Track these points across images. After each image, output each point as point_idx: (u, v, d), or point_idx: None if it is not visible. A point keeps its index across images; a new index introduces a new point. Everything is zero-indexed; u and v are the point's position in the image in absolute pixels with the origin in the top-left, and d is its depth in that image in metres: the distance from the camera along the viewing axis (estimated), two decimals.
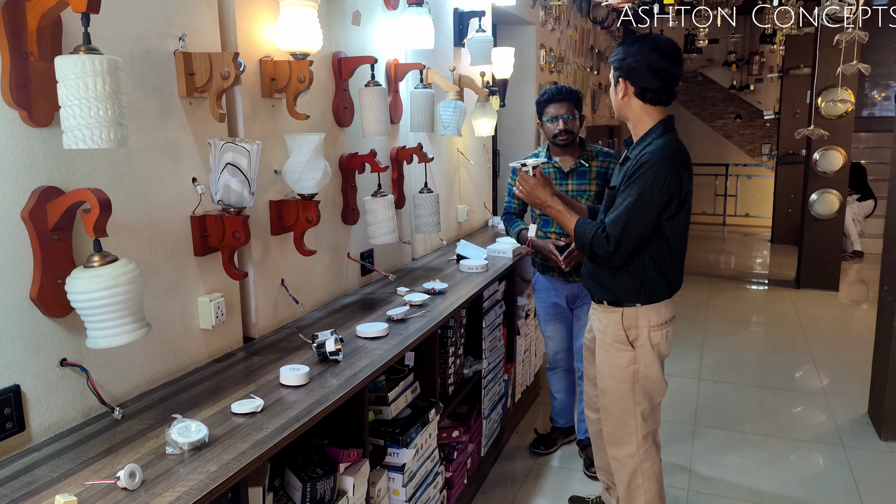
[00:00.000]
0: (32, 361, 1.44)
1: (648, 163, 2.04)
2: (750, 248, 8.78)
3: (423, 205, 3.01)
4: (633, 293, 2.19)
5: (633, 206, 2.05)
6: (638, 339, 2.21)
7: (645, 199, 2.04)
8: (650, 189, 2.04)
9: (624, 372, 2.23)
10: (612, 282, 2.22)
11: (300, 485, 1.73)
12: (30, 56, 1.39)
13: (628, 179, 2.08)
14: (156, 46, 1.73)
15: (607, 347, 2.27)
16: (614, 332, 2.23)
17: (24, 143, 1.40)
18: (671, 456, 3.26)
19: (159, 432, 1.51)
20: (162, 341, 1.78)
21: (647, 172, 2.04)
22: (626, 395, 2.25)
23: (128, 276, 1.40)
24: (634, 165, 2.08)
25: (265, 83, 2.13)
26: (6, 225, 1.38)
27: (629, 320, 2.21)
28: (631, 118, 2.17)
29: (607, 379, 2.29)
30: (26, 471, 1.35)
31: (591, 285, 2.31)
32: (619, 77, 2.14)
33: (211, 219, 1.89)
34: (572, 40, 6.56)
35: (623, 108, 2.18)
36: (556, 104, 2.91)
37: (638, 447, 2.29)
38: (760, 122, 10.48)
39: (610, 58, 2.21)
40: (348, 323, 2.31)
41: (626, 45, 2.13)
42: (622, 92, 2.14)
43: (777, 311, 5.80)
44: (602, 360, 2.30)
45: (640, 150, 2.11)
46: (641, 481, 2.32)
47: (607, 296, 2.25)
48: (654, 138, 2.11)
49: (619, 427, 2.30)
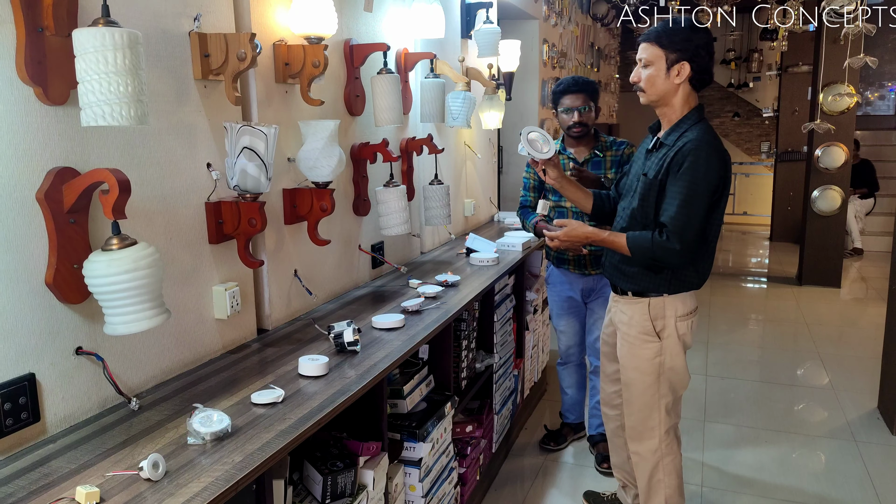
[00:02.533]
0: (48, 349, 1.38)
1: (697, 150, 2.00)
2: (749, 246, 8.78)
3: (433, 196, 2.97)
4: (661, 283, 2.15)
5: (690, 197, 1.99)
6: (665, 329, 2.17)
7: (700, 188, 1.99)
8: (704, 177, 1.99)
9: (650, 364, 2.19)
10: (637, 271, 2.17)
11: (320, 478, 1.68)
12: (45, 31, 1.33)
13: (678, 170, 2.02)
14: (171, 26, 1.67)
15: (632, 339, 2.22)
16: (640, 324, 2.19)
17: (39, 121, 1.35)
18: (683, 452, 3.21)
19: (178, 423, 1.45)
20: (177, 331, 1.73)
21: (698, 161, 1.99)
22: (650, 387, 2.21)
23: (148, 260, 1.34)
24: (681, 155, 2.02)
25: (279, 68, 2.08)
26: (21, 207, 1.32)
27: (656, 311, 2.17)
28: (673, 103, 2.10)
29: (631, 371, 2.24)
30: (42, 462, 1.30)
31: (615, 276, 2.26)
32: (679, 59, 2.03)
33: (226, 205, 1.83)
34: (573, 36, 6.53)
35: (669, 92, 2.07)
36: (571, 95, 2.87)
37: (661, 441, 2.25)
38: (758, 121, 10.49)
39: (655, 39, 2.06)
40: (362, 315, 2.26)
41: (687, 29, 2.04)
42: (678, 75, 2.05)
43: (780, 308, 5.78)
44: (626, 352, 2.25)
45: (677, 137, 2.07)
46: (662, 476, 2.28)
47: (633, 286, 2.20)
48: (692, 125, 2.07)
49: (643, 421, 2.26)
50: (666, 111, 2.13)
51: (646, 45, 2.09)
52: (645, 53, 2.09)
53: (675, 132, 2.09)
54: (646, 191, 2.11)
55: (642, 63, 2.10)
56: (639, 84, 2.11)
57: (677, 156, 2.03)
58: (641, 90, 2.12)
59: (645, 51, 2.09)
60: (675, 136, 2.08)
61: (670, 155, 2.05)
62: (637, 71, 2.11)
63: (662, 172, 2.06)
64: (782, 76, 8.50)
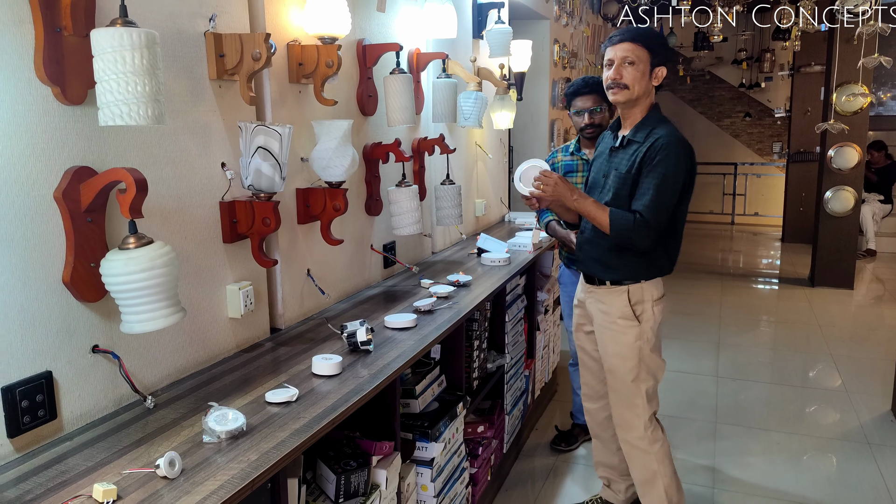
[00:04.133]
0: (64, 347, 1.39)
1: (668, 146, 2.12)
2: (760, 247, 8.72)
3: (444, 196, 2.96)
4: (639, 270, 2.27)
5: (662, 188, 2.11)
6: (644, 313, 2.28)
7: (670, 181, 2.12)
8: (674, 170, 2.12)
9: (631, 348, 2.28)
10: (618, 261, 2.27)
11: (334, 477, 1.68)
12: (63, 30, 1.34)
13: (651, 163, 2.13)
14: (186, 27, 1.68)
15: (612, 326, 2.31)
16: (620, 310, 2.28)
17: (57, 121, 1.36)
18: (694, 454, 3.21)
19: (193, 421, 1.46)
20: (191, 330, 1.73)
21: (670, 155, 2.11)
22: (632, 371, 2.30)
23: (164, 259, 1.35)
24: (653, 150, 2.12)
25: (292, 68, 2.09)
26: (39, 206, 1.33)
27: (636, 296, 2.28)
28: (642, 102, 2.21)
29: (614, 358, 2.32)
30: (59, 460, 1.31)
31: (594, 268, 2.35)
32: (660, 63, 2.17)
33: (240, 205, 1.84)
34: (584, 37, 6.51)
35: (646, 93, 2.19)
36: (582, 97, 2.86)
37: (645, 428, 2.33)
38: (770, 121, 10.41)
39: (642, 41, 2.15)
40: (374, 314, 2.26)
41: (663, 36, 2.16)
42: (657, 78, 2.19)
43: (792, 310, 5.74)
44: (608, 339, 2.33)
45: (646, 134, 2.17)
46: (657, 466, 2.34)
47: (612, 275, 2.30)
48: (657, 122, 2.19)
49: (628, 408, 2.34)
50: (633, 111, 2.22)
51: (631, 45, 2.15)
52: (630, 52, 2.15)
53: (642, 130, 2.19)
54: (620, 185, 2.21)
55: (626, 61, 2.14)
56: (621, 81, 2.15)
57: (650, 151, 2.14)
58: (622, 87, 2.15)
59: (630, 50, 2.15)
60: (644, 134, 2.18)
61: (642, 151, 2.15)
62: (619, 68, 2.15)
63: (636, 167, 2.16)
64: (794, 76, 8.44)
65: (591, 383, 2.56)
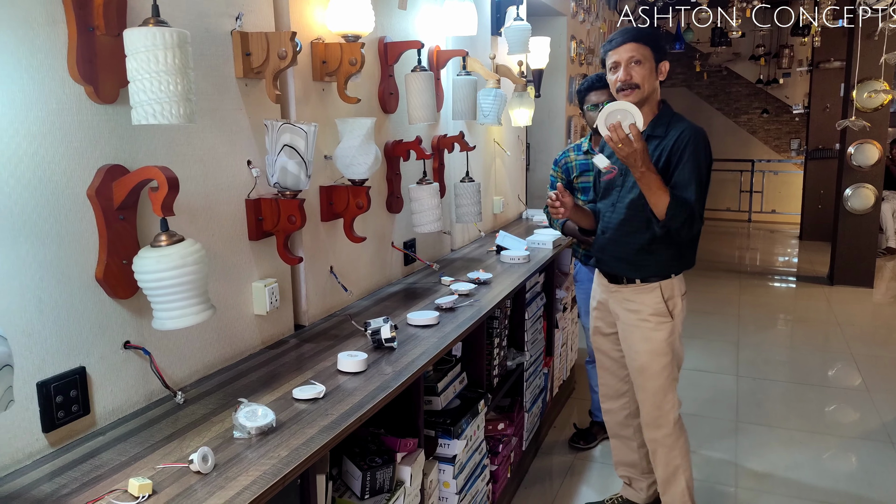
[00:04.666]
0: (97, 343, 1.41)
1: (695, 136, 2.15)
2: (778, 245, 8.64)
3: (464, 194, 2.96)
4: (671, 264, 2.27)
5: (699, 178, 2.13)
6: (675, 307, 2.29)
7: (703, 170, 2.15)
8: (704, 160, 2.16)
9: (664, 344, 2.28)
10: (648, 258, 2.26)
11: (360, 474, 1.69)
12: (96, 30, 1.35)
13: (681, 154, 2.14)
14: (214, 26, 1.69)
15: (644, 324, 2.29)
16: (653, 307, 2.27)
17: (89, 119, 1.37)
18: (715, 452, 3.19)
19: (223, 417, 1.47)
20: (218, 326, 1.75)
21: (699, 145, 2.15)
22: (665, 368, 2.30)
23: (195, 257, 1.36)
24: (681, 142, 2.14)
25: (316, 66, 2.09)
26: (72, 203, 1.35)
27: (668, 292, 2.28)
28: (653, 99, 2.23)
29: (646, 356, 2.30)
30: (93, 454, 1.32)
31: (620, 268, 2.33)
32: (662, 58, 2.21)
33: (266, 202, 1.85)
34: (601, 33, 6.48)
35: (655, 90, 2.21)
36: (597, 92, 2.85)
37: (675, 424, 2.33)
38: (788, 117, 10.31)
39: (644, 39, 2.17)
40: (396, 311, 2.27)
41: (656, 31, 2.18)
42: (661, 73, 2.22)
43: (811, 308, 5.69)
44: (638, 338, 2.31)
45: (666, 128, 2.20)
46: (680, 460, 2.35)
47: (641, 273, 2.29)
48: (673, 116, 2.23)
49: (658, 406, 2.33)
50: (645, 108, 2.21)
51: (634, 44, 2.16)
52: (635, 52, 2.16)
53: (660, 124, 2.22)
54: None
55: (633, 61, 2.15)
56: (632, 81, 2.15)
57: (677, 142, 2.15)
58: (634, 87, 2.15)
59: (635, 50, 2.16)
60: (664, 128, 2.20)
61: (668, 143, 2.17)
62: (627, 69, 2.15)
63: (663, 160, 2.16)
64: (813, 72, 8.35)
65: (610, 383, 2.55)
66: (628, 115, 2.05)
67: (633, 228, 2.25)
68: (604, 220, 2.37)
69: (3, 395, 1.03)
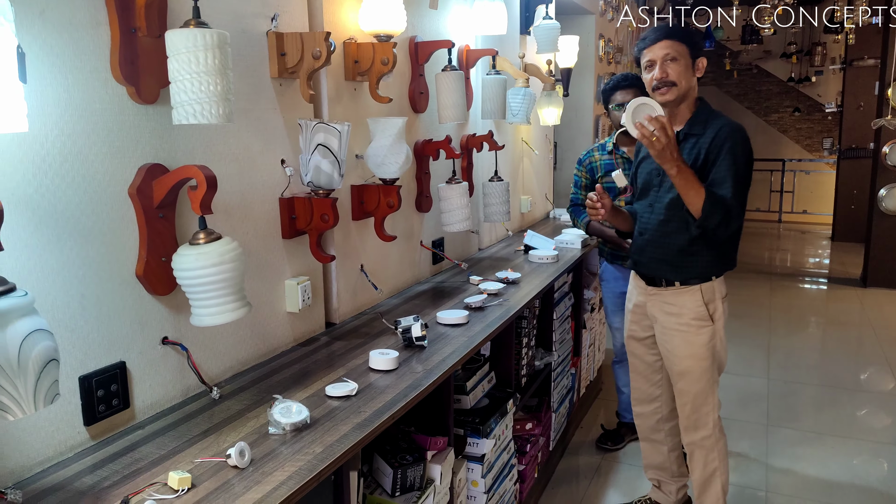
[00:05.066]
0: (137, 339, 1.44)
1: (734, 133, 2.11)
2: (809, 246, 8.49)
3: (492, 193, 2.96)
4: (712, 266, 2.22)
5: (739, 175, 2.08)
6: (716, 311, 2.24)
7: (742, 168, 2.10)
8: (744, 158, 2.11)
9: (705, 349, 2.23)
10: (690, 260, 2.21)
11: (390, 471, 1.70)
12: (138, 31, 1.38)
13: (720, 152, 2.09)
14: (250, 26, 1.72)
15: (685, 328, 2.24)
16: (694, 310, 2.23)
17: (131, 119, 1.40)
18: (746, 457, 3.15)
19: (258, 412, 1.49)
20: (252, 323, 1.77)
21: (738, 143, 2.10)
22: (706, 372, 2.25)
23: (232, 254, 1.38)
24: (720, 139, 2.09)
25: (348, 66, 2.11)
26: (114, 202, 1.38)
27: (709, 294, 2.23)
28: (691, 97, 2.19)
29: (687, 360, 2.26)
30: (132, 448, 1.35)
31: (659, 270, 2.27)
32: (699, 55, 2.17)
33: (299, 201, 1.87)
34: (629, 31, 6.43)
35: (692, 87, 2.17)
36: (622, 91, 2.83)
37: (714, 426, 2.30)
38: (820, 116, 10.12)
39: (679, 36, 2.13)
40: (425, 310, 2.28)
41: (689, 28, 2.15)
42: (699, 69, 2.17)
43: (843, 310, 5.58)
44: (679, 342, 2.26)
45: (704, 126, 2.15)
46: (718, 463, 2.32)
47: (681, 276, 2.24)
48: (711, 114, 2.18)
49: (698, 409, 2.29)
50: (681, 107, 2.19)
51: (669, 41, 2.12)
52: (670, 49, 2.12)
53: (698, 122, 2.17)
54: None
55: (668, 58, 2.11)
56: (668, 79, 2.11)
57: (716, 140, 2.11)
58: (671, 85, 2.12)
59: (670, 47, 2.12)
60: (701, 126, 2.16)
61: (706, 142, 2.12)
62: (663, 67, 2.11)
63: (701, 159, 2.12)
64: (846, 70, 8.18)
65: (642, 387, 2.51)
66: (651, 109, 2.02)
67: (673, 229, 2.20)
68: (641, 221, 2.32)
69: (50, 388, 1.05)
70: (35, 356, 1.01)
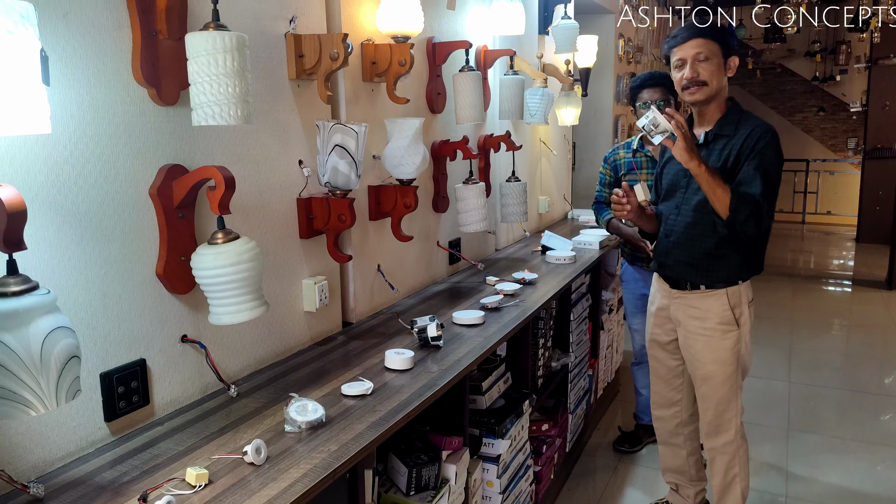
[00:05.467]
0: (157, 336, 1.46)
1: (767, 134, 2.07)
2: (833, 248, 8.37)
3: (510, 194, 2.96)
4: (739, 270, 2.19)
5: (769, 175, 2.04)
6: (741, 316, 2.21)
7: (773, 168, 2.06)
8: (776, 159, 2.07)
9: (730, 354, 2.21)
10: (716, 263, 2.17)
11: (405, 470, 1.71)
12: (158, 34, 1.40)
13: (751, 152, 2.05)
14: (269, 28, 1.73)
15: (710, 332, 2.21)
16: (719, 315, 2.19)
17: (152, 121, 1.43)
18: (766, 462, 3.11)
19: (274, 411, 1.51)
20: (269, 322, 1.79)
21: (770, 143, 2.06)
22: (730, 377, 2.22)
23: (250, 254, 1.40)
24: (752, 139, 2.05)
25: (366, 67, 2.12)
26: (135, 202, 1.40)
27: (734, 299, 2.20)
28: (721, 97, 2.15)
29: (711, 365, 2.23)
30: (152, 444, 1.37)
31: (685, 273, 2.23)
32: (731, 53, 2.13)
33: (317, 201, 1.89)
34: (649, 31, 6.38)
35: (723, 87, 2.13)
36: (649, 89, 2.81)
37: (737, 432, 2.27)
38: (845, 116, 9.97)
39: (711, 34, 2.09)
40: (441, 310, 2.29)
41: (722, 26, 2.11)
42: (731, 69, 2.13)
43: (867, 313, 5.49)
44: (703, 346, 2.23)
45: (735, 126, 2.11)
46: (738, 469, 2.29)
47: (707, 279, 2.20)
48: (743, 114, 2.14)
49: (721, 414, 2.26)
50: (711, 107, 2.15)
51: (700, 40, 2.08)
52: (702, 48, 2.07)
53: (728, 123, 2.13)
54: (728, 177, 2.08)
55: (700, 57, 2.07)
56: (699, 79, 2.07)
57: (748, 140, 2.06)
58: (701, 84, 2.08)
59: (702, 45, 2.07)
60: (732, 126, 2.12)
61: (737, 143, 2.08)
62: (694, 66, 2.07)
63: (732, 160, 2.08)
64: (872, 69, 8.05)
65: (662, 391, 2.49)
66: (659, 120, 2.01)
67: (700, 231, 2.16)
68: (668, 223, 2.26)
69: (71, 385, 1.08)
70: (57, 353, 1.04)
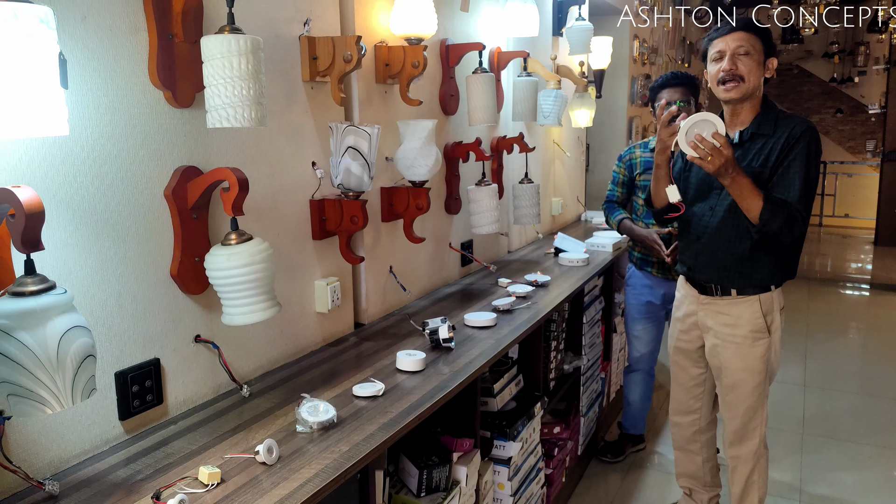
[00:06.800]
0: (171, 336, 1.48)
1: (807, 133, 2.01)
2: (851, 251, 8.28)
3: (522, 196, 2.95)
4: (772, 275, 2.13)
5: (808, 179, 1.99)
6: (773, 322, 2.16)
7: (812, 171, 2.01)
8: (815, 161, 2.02)
9: (760, 362, 2.17)
10: (750, 268, 2.11)
11: (416, 471, 1.71)
12: (175, 37, 1.42)
13: (791, 153, 2.00)
14: (283, 31, 1.75)
15: (740, 340, 2.16)
16: (751, 322, 2.14)
17: (168, 123, 1.44)
18: (780, 467, 3.08)
19: (286, 411, 1.52)
20: (282, 323, 1.80)
21: (811, 144, 2.01)
22: (759, 386, 2.19)
23: (263, 255, 1.41)
24: (792, 138, 2.00)
25: (379, 69, 2.13)
26: (151, 203, 1.42)
27: (767, 306, 2.15)
28: (756, 97, 2.09)
29: (739, 373, 2.19)
30: (165, 443, 1.39)
31: (717, 277, 2.16)
32: (771, 53, 2.07)
33: (329, 203, 1.90)
34: (664, 32, 6.35)
35: (759, 86, 2.07)
36: (670, 89, 2.78)
37: (760, 441, 2.24)
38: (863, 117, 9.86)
39: (755, 30, 2.04)
40: (452, 312, 2.29)
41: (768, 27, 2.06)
42: (769, 69, 2.07)
43: (885, 317, 5.43)
44: (732, 354, 2.18)
45: (773, 125, 2.05)
46: (757, 477, 2.27)
47: (739, 284, 2.14)
48: (780, 112, 2.09)
49: (747, 423, 2.23)
50: (744, 106, 2.09)
51: (744, 34, 2.01)
52: (745, 42, 2.01)
53: (766, 122, 2.07)
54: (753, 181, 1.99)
55: (741, 51, 2.00)
56: (737, 73, 2.00)
57: (788, 140, 2.01)
58: (739, 80, 2.01)
59: (745, 40, 2.01)
60: (770, 125, 2.06)
61: (777, 143, 2.02)
62: (733, 59, 2.00)
63: (772, 160, 2.02)
64: (891, 70, 7.96)
65: (682, 399, 2.46)
66: (708, 125, 1.90)
67: (735, 234, 2.09)
68: (700, 224, 2.18)
69: (87, 383, 1.09)
70: (73, 352, 1.05)
